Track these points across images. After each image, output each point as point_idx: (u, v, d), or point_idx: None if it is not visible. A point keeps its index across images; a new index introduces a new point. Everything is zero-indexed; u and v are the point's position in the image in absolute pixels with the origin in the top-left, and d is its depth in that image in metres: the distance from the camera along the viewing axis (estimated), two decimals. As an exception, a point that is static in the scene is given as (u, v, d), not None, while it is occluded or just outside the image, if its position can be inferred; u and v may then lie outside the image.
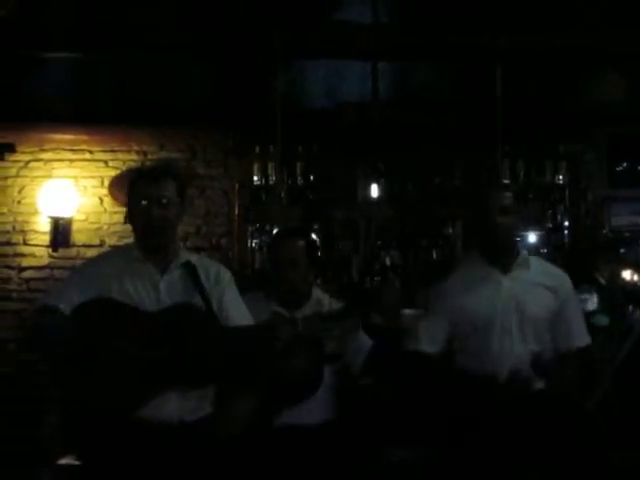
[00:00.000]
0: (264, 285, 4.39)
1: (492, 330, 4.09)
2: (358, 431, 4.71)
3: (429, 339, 4.18)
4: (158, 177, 3.73)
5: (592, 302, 5.69)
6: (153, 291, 3.65)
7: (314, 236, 6.67)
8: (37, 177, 7.29)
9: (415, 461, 5.00)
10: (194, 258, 3.84)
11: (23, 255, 7.25)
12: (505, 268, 4.17)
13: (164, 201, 3.65)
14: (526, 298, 4.13)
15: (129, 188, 3.76)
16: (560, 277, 4.30)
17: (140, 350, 3.46)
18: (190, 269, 3.71)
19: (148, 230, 3.66)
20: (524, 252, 4.27)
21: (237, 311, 3.80)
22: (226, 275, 3.87)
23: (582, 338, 4.24)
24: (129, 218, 3.77)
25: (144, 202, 3.65)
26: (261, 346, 3.63)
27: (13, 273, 7.23)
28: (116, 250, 4.14)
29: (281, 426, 4.05)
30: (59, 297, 3.61)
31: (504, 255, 4.18)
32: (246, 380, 3.92)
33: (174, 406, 3.54)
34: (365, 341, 4.21)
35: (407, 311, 5.48)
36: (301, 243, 4.29)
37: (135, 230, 3.75)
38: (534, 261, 4.30)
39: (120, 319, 3.53)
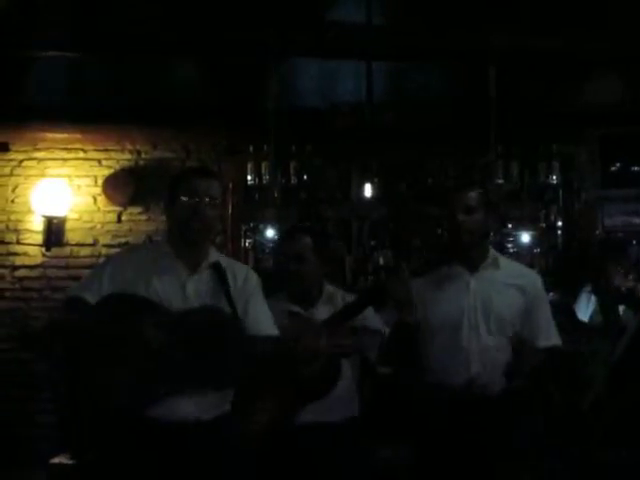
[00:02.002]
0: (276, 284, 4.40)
1: (460, 328, 4.12)
2: (381, 427, 4.73)
3: None
4: (210, 176, 3.74)
5: (588, 302, 5.70)
6: (180, 290, 3.63)
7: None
8: (31, 176, 7.29)
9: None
10: (223, 259, 3.83)
11: (16, 254, 7.25)
12: (473, 267, 4.20)
13: (215, 201, 3.66)
14: (493, 297, 4.15)
15: (174, 181, 3.74)
16: (530, 277, 4.34)
17: (160, 349, 3.45)
18: (218, 270, 3.70)
19: (194, 227, 3.63)
20: (493, 252, 4.28)
21: (262, 317, 3.78)
22: (253, 279, 3.85)
23: (548, 339, 4.23)
24: (169, 211, 3.73)
25: (197, 198, 3.63)
26: (282, 358, 3.65)
27: (6, 272, 7.23)
28: (145, 245, 4.12)
29: (302, 424, 4.06)
30: (87, 288, 3.59)
31: (470, 254, 4.20)
32: (266, 385, 3.95)
33: (191, 406, 3.53)
34: (382, 330, 4.20)
35: None
36: (307, 239, 4.30)
37: (175, 224, 3.71)
38: (504, 261, 4.33)
39: (143, 316, 3.52)
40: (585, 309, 5.61)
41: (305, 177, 7.11)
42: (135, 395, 3.45)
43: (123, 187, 7.23)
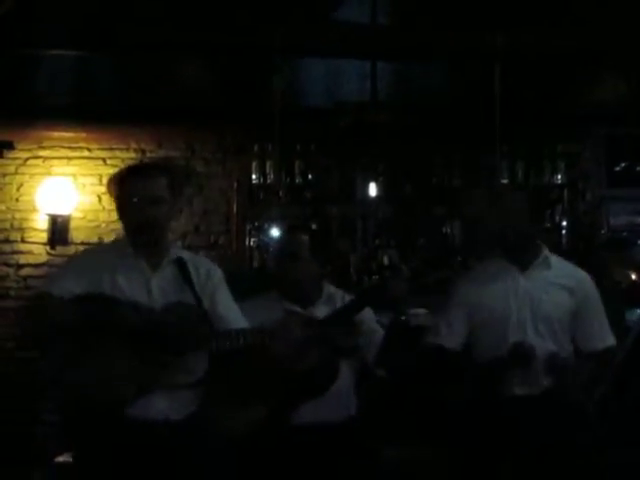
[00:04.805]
0: (269, 283, 4.39)
1: (507, 327, 4.11)
2: (377, 427, 4.73)
3: (450, 335, 4.21)
4: (149, 174, 3.70)
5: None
6: (145, 287, 3.64)
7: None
8: (35, 174, 7.30)
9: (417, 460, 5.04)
10: (185, 255, 3.83)
11: (21, 252, 7.26)
12: (524, 266, 4.18)
13: (156, 199, 3.62)
14: (541, 297, 4.14)
15: (119, 184, 3.72)
16: (580, 278, 4.29)
17: (132, 349, 3.45)
18: (181, 266, 3.70)
19: (140, 228, 3.63)
20: (546, 251, 4.25)
21: (229, 310, 3.78)
22: (217, 273, 3.84)
23: (602, 340, 4.22)
24: (119, 215, 3.74)
25: (135, 200, 3.62)
26: (259, 349, 3.63)
27: (11, 270, 7.24)
28: (108, 245, 4.13)
29: (298, 425, 4.05)
30: (55, 285, 3.60)
31: (521, 253, 4.19)
32: (254, 382, 3.94)
33: (162, 405, 3.53)
34: (380, 332, 4.20)
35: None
36: (303, 238, 4.26)
37: (126, 227, 3.72)
38: (555, 261, 4.29)
39: (115, 316, 3.52)
40: None
41: (310, 176, 7.12)
42: (112, 393, 3.45)
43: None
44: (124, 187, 3.69)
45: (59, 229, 7.15)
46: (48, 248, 7.19)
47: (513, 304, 4.14)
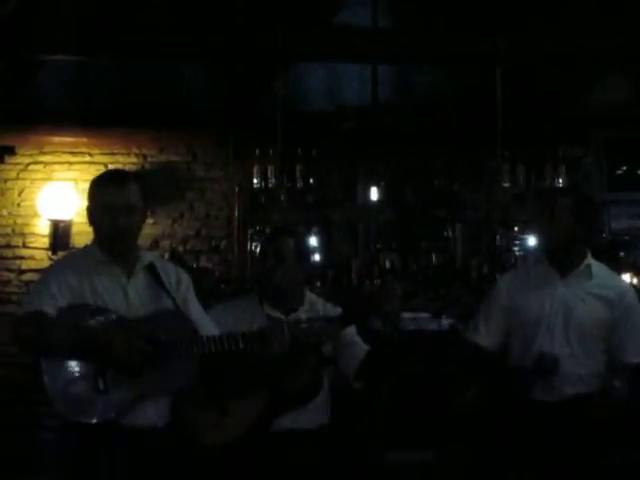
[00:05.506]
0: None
1: (537, 330, 4.13)
2: (353, 434, 4.73)
3: (487, 334, 4.25)
4: (122, 183, 3.65)
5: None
6: (123, 294, 3.60)
7: (314, 238, 6.71)
8: (37, 180, 7.28)
9: (418, 463, 5.04)
10: (156, 260, 3.82)
11: (23, 258, 7.25)
12: (564, 273, 4.18)
13: (130, 208, 3.57)
14: (577, 305, 4.13)
15: (91, 192, 3.67)
16: (622, 290, 4.29)
17: (125, 356, 3.42)
18: (153, 271, 3.66)
19: (114, 237, 3.58)
20: (590, 259, 4.22)
21: (201, 316, 3.77)
22: (185, 278, 3.82)
23: (637, 355, 4.18)
24: (91, 222, 3.66)
25: (110, 209, 3.56)
26: (249, 353, 3.63)
27: (13, 276, 7.23)
28: (79, 252, 4.04)
29: (278, 431, 4.04)
30: (43, 301, 3.51)
31: (563, 259, 4.19)
32: (233, 386, 3.94)
33: (149, 412, 3.53)
34: (360, 345, 4.19)
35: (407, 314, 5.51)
36: (289, 241, 4.19)
37: (98, 235, 3.66)
38: (598, 270, 4.26)
39: (103, 325, 3.50)
40: None
41: (311, 180, 7.11)
42: (109, 403, 3.44)
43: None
44: (97, 195, 3.64)
45: (61, 234, 7.13)
46: (50, 253, 7.16)
47: (547, 309, 4.14)
